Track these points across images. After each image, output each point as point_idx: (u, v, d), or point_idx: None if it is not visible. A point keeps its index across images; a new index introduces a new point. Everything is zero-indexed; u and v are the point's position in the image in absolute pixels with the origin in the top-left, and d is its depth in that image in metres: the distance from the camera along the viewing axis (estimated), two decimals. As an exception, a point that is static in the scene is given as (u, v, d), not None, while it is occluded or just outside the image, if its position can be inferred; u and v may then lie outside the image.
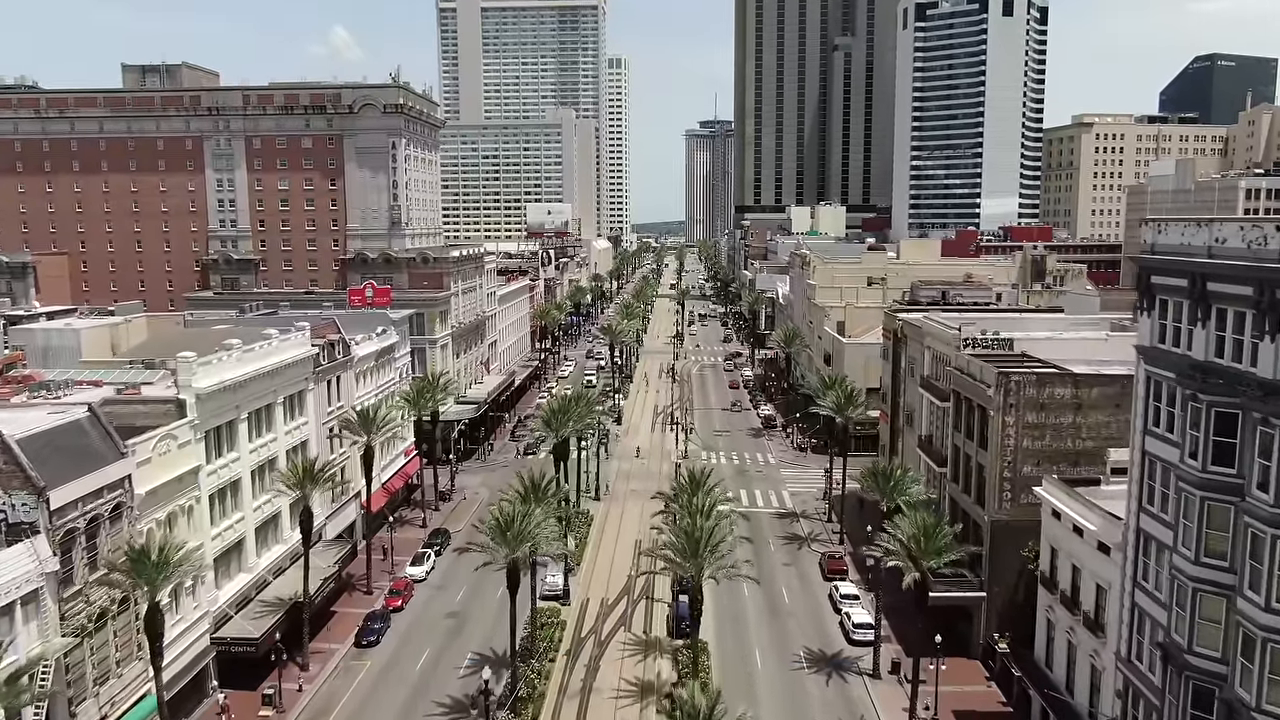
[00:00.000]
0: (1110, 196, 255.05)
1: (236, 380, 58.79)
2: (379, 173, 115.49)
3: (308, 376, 70.82)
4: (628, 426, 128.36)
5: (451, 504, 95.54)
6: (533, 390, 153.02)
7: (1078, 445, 58.45)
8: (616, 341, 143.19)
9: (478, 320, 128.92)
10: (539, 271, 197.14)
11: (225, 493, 58.73)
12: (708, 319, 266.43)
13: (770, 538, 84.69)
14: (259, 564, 62.52)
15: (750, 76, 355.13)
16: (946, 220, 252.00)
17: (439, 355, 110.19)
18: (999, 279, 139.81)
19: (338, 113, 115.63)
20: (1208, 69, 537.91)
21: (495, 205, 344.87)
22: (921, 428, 75.96)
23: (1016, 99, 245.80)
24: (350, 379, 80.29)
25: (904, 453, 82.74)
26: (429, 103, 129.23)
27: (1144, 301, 39.82)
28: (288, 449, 67.55)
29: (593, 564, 78.16)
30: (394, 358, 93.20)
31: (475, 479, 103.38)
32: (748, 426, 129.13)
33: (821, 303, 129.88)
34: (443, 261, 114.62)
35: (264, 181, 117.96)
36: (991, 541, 59.47)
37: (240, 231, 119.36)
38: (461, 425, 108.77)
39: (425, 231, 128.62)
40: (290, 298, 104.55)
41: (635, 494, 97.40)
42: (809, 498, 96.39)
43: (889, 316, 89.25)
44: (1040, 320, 77.00)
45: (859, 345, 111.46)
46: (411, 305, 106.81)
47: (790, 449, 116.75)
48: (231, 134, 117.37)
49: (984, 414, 61.04)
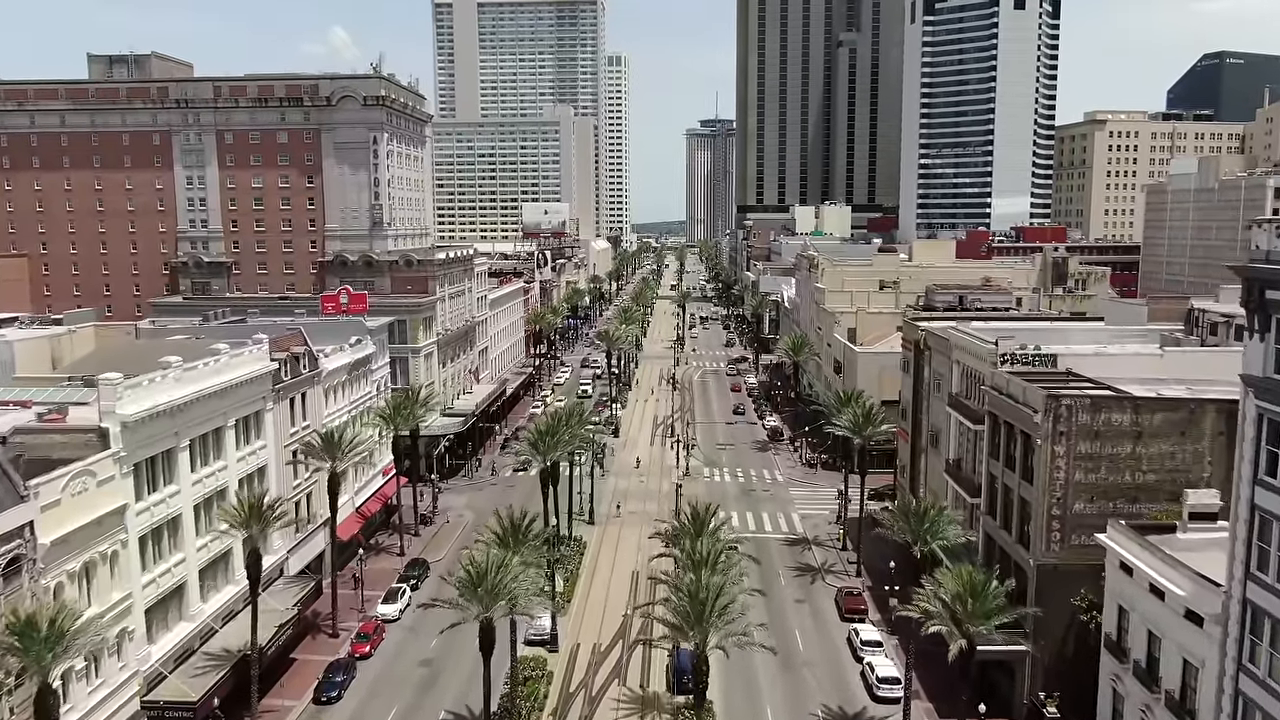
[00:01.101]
0: (1124, 196, 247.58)
1: (174, 404, 51.33)
2: (359, 169, 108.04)
3: (265, 395, 63.43)
4: (625, 439, 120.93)
5: (434, 527, 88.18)
6: (527, 399, 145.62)
7: (1138, 479, 51.06)
8: (614, 348, 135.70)
9: (466, 326, 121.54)
10: (534, 273, 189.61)
11: (162, 532, 51.35)
12: (709, 321, 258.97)
13: (780, 568, 77.31)
14: (204, 611, 55.11)
15: (753, 73, 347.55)
16: (956, 220, 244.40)
17: (422, 365, 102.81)
18: (1018, 282, 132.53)
19: (315, 105, 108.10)
20: (1216, 66, 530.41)
21: (491, 205, 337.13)
22: (949, 450, 68.53)
23: (1028, 95, 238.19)
24: (318, 395, 72.87)
25: (927, 476, 75.31)
26: (415, 95, 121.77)
27: (1255, 322, 32.33)
28: (242, 477, 60.22)
29: (585, 600, 70.79)
30: (370, 370, 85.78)
31: (461, 499, 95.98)
32: (753, 440, 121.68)
33: (831, 308, 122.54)
34: (427, 264, 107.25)
35: (237, 179, 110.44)
36: (1037, 588, 52.03)
37: (211, 232, 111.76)
38: (447, 441, 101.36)
39: (411, 232, 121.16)
40: (262, 303, 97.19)
41: (633, 517, 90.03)
42: (820, 521, 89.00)
43: (909, 326, 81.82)
44: (1081, 332, 69.53)
45: (873, 355, 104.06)
46: (392, 312, 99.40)
47: (799, 465, 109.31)
48: (202, 128, 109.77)
49: (1028, 442, 53.61)
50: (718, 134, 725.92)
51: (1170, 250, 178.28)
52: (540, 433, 66.61)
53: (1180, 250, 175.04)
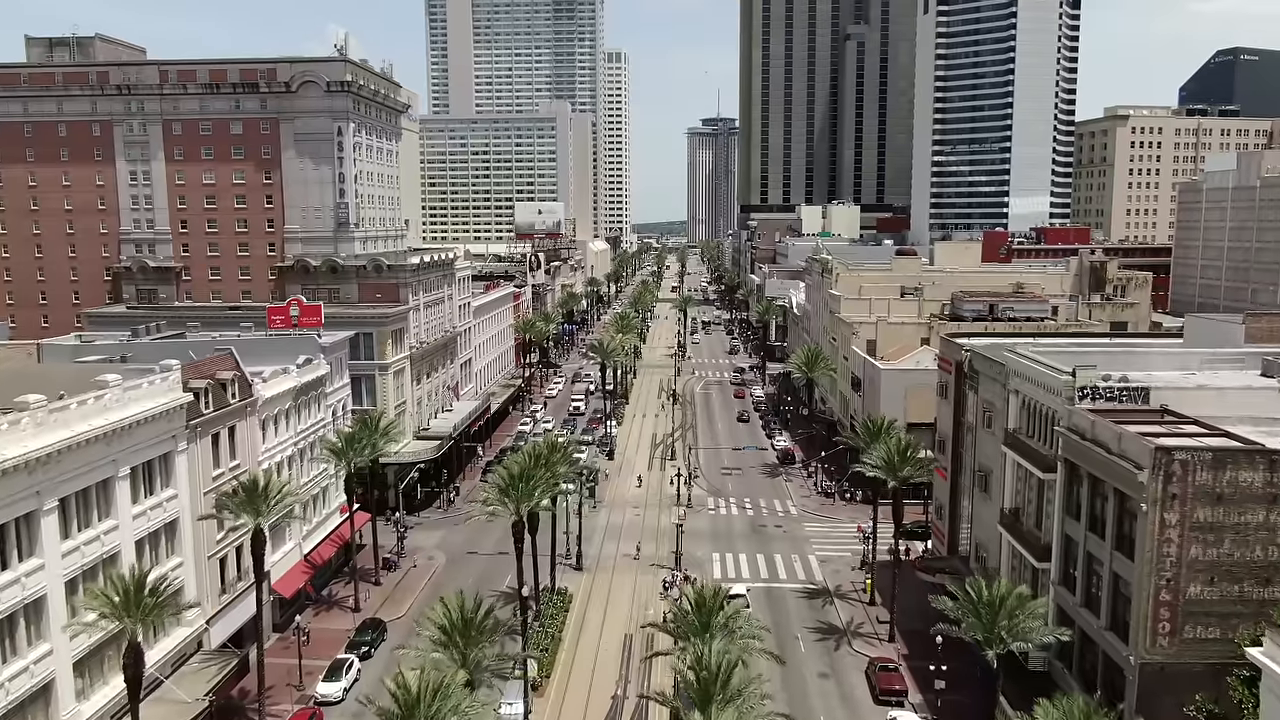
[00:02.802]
0: (1147, 195, 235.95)
1: (31, 457, 39.96)
2: (323, 163, 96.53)
3: (177, 433, 52.07)
4: (621, 463, 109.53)
5: (398, 574, 76.84)
6: (516, 413, 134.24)
7: (1271, 556, 39.76)
8: (608, 361, 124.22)
9: (446, 337, 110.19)
10: (527, 277, 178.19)
11: (15, 620, 40.06)
12: (712, 326, 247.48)
13: (798, 628, 65.99)
14: (81, 714, 43.74)
15: (757, 68, 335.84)
16: (971, 220, 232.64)
17: (392, 383, 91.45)
18: (1050, 288, 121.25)
19: (273, 92, 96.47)
20: (1230, 63, 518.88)
21: (485, 205, 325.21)
22: (1004, 498, 57.10)
23: (1048, 88, 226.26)
24: (252, 428, 61.50)
25: (972, 524, 63.87)
26: (388, 83, 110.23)
27: None
28: (142, 537, 48.91)
29: (568, 672, 59.49)
30: (324, 393, 74.40)
31: (433, 537, 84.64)
32: (761, 463, 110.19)
33: (848, 316, 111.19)
34: (400, 270, 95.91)
35: (186, 174, 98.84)
36: (1140, 692, 40.67)
37: (158, 234, 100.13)
38: (419, 469, 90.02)
39: (383, 234, 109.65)
40: (206, 314, 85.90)
41: (627, 562, 78.61)
42: (843, 565, 77.63)
43: (949, 343, 70.34)
44: (1161, 355, 58.05)
45: (898, 372, 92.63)
46: (356, 324, 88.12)
47: (814, 493, 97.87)
48: (147, 117, 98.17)
49: (1123, 503, 42.23)
50: (720, 133, 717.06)
51: (1205, 253, 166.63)
52: (512, 476, 55.12)
53: (1216, 253, 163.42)
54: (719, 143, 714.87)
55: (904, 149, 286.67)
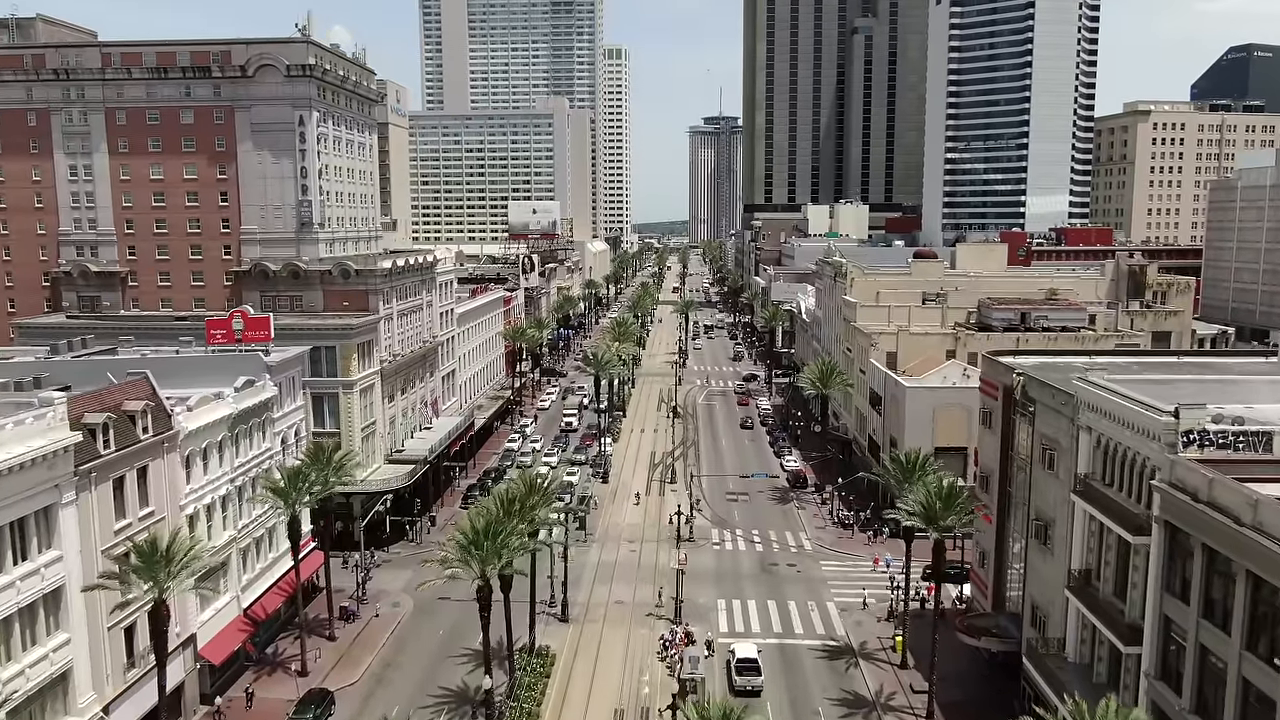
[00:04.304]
0: (1169, 194, 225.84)
1: None
2: (282, 157, 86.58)
3: (61, 482, 42.34)
4: (616, 486, 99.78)
5: (358, 625, 67.14)
6: (505, 428, 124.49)
7: None
8: (603, 373, 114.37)
9: (425, 348, 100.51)
10: (519, 280, 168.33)
11: None
12: (715, 331, 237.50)
13: (819, 699, 56.22)
14: None
15: (761, 64, 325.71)
16: (986, 220, 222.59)
17: (358, 402, 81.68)
18: (1084, 294, 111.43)
19: (227, 77, 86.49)
20: (1244, 60, 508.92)
21: (480, 204, 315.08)
22: (1071, 555, 47.26)
23: (1067, 82, 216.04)
24: (172, 468, 51.72)
25: (1025, 580, 53.97)
26: (361, 69, 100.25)
27: None
28: (8, 615, 39.25)
29: (546, 761, 49.73)
30: (270, 418, 64.61)
31: (399, 578, 74.83)
32: (770, 486, 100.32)
33: (865, 326, 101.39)
34: (369, 275, 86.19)
35: (132, 168, 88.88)
36: (1286, 845, 30.80)
37: (101, 234, 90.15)
38: (386, 500, 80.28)
39: (355, 235, 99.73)
40: (149, 326, 76.13)
41: (620, 610, 68.84)
42: (866, 615, 67.89)
43: (993, 364, 60.43)
44: (1264, 382, 48.12)
45: (925, 390, 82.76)
46: (315, 337, 78.39)
47: (829, 524, 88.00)
48: (88, 105, 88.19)
49: (1257, 590, 32.35)
50: (722, 131, 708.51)
51: (1240, 255, 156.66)
52: (476, 531, 45.24)
53: (1253, 255, 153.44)
54: (721, 141, 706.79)
55: (913, 146, 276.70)
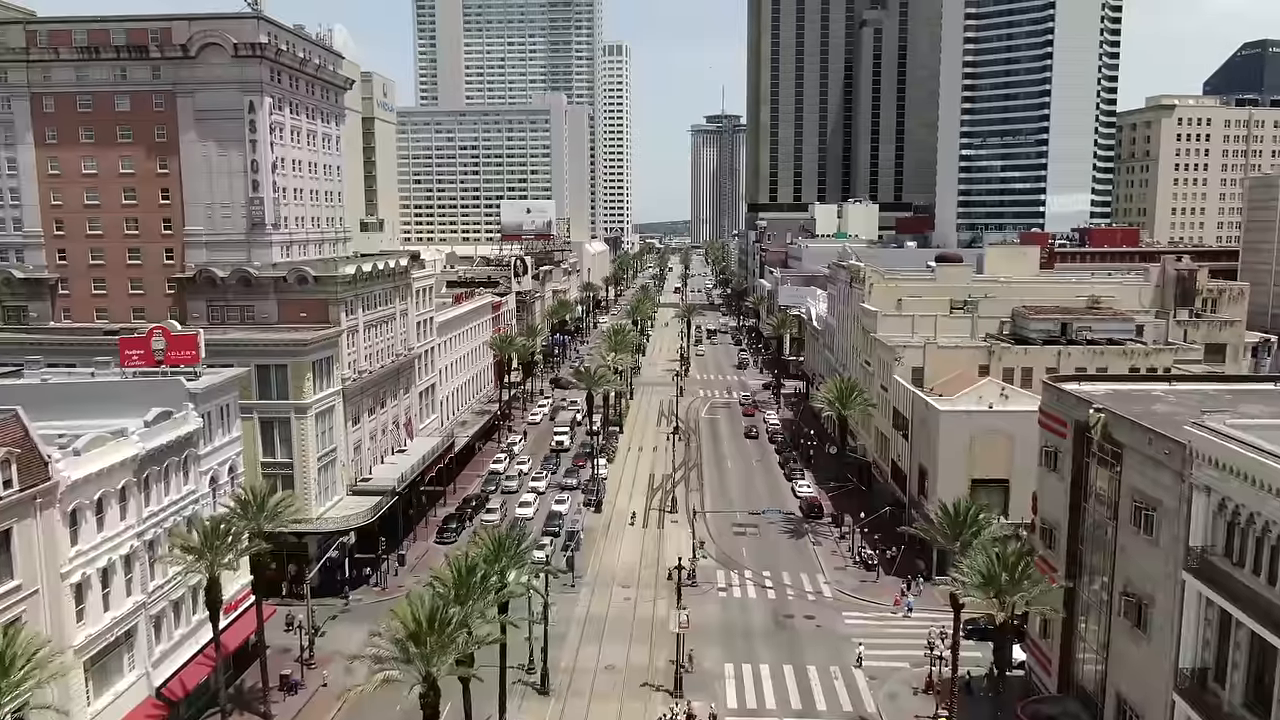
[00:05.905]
0: (1194, 192, 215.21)
1: None
2: (230, 149, 76.33)
3: None
4: (611, 516, 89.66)
5: (302, 697, 57.07)
6: (491, 446, 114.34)
7: None
8: (594, 389, 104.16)
9: (398, 363, 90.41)
10: (511, 283, 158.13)
11: None
12: (718, 335, 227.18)
13: (850, 803, 45.96)
14: None
15: (766, 59, 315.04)
16: (1004, 220, 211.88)
17: (313, 428, 71.44)
18: (1126, 301, 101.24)
19: (168, 58, 76.09)
20: (1259, 55, 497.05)
21: (475, 203, 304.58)
22: (1180, 646, 37.04)
23: (1089, 75, 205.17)
24: (49, 527, 41.60)
25: (1107, 665, 43.68)
26: (326, 52, 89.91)
27: None
28: None
29: None
30: (195, 455, 54.44)
31: (358, 632, 64.08)
32: (783, 515, 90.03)
33: (887, 338, 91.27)
34: (329, 281, 76.00)
35: (62, 162, 78.50)
36: None
37: (28, 236, 79.70)
38: (341, 544, 70.15)
39: (316, 237, 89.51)
40: (57, 343, 66.02)
41: (610, 679, 58.62)
42: (899, 683, 57.72)
43: (1058, 393, 50.05)
44: None
45: (962, 415, 72.44)
46: (260, 353, 68.32)
47: (850, 563, 77.75)
48: (11, 90, 77.67)
49: None
50: (724, 130, 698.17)
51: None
52: (419, 624, 34.92)
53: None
54: (723, 140, 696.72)
55: (924, 143, 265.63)
